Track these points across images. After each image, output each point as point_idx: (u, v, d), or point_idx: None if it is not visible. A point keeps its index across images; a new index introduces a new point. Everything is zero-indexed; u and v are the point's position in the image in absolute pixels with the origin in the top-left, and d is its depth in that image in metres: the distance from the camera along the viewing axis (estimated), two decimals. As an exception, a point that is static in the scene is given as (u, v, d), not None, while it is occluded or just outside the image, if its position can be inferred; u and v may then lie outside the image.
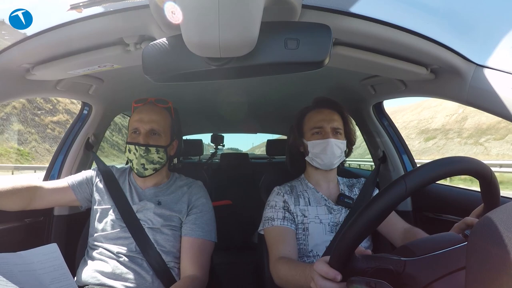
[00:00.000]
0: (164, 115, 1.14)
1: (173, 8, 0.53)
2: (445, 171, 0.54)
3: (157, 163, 1.10)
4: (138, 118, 1.10)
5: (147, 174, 1.10)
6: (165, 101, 1.18)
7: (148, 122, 1.09)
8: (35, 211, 1.33)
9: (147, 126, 1.09)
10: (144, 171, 1.09)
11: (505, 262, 0.34)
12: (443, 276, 0.52)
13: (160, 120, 1.12)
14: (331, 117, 1.13)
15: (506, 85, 0.74)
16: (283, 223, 1.06)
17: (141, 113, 1.11)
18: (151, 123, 1.09)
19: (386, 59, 0.86)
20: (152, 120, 1.10)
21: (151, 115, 1.11)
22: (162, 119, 1.12)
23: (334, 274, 0.56)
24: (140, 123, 1.09)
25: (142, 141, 1.08)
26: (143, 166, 1.08)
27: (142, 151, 1.07)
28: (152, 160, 1.08)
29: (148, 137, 1.09)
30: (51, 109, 22.72)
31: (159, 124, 1.11)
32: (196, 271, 1.02)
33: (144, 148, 1.07)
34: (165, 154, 1.11)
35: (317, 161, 1.13)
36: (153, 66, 0.65)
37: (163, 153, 1.10)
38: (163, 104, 1.16)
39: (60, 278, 0.83)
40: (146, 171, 1.09)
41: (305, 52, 0.59)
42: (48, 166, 1.50)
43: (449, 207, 1.28)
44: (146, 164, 1.08)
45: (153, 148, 1.08)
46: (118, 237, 1.05)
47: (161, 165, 1.12)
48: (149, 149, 1.07)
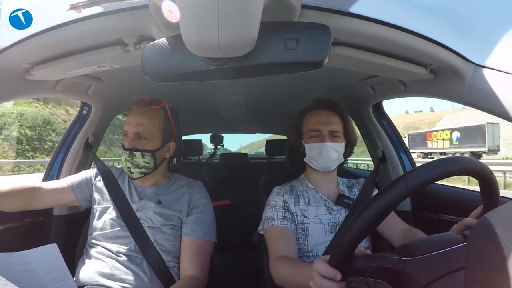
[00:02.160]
0: (155, 117, 1.10)
1: (170, 7, 0.52)
2: (446, 171, 0.54)
3: (143, 167, 1.08)
4: (128, 120, 1.09)
5: (135, 177, 1.10)
6: (158, 101, 1.13)
7: (135, 125, 1.07)
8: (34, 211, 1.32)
9: (133, 129, 1.07)
10: (131, 174, 1.09)
11: (504, 262, 0.34)
12: (442, 276, 0.52)
13: (148, 123, 1.08)
14: (329, 119, 1.13)
15: (506, 85, 0.74)
16: (283, 223, 1.06)
17: (131, 115, 1.10)
18: (137, 127, 1.07)
19: (385, 59, 0.86)
20: (139, 123, 1.07)
21: (139, 118, 1.08)
22: (150, 122, 1.08)
23: (334, 273, 0.56)
24: (128, 126, 1.08)
25: (127, 145, 1.06)
26: (129, 170, 1.08)
27: (126, 155, 1.06)
28: (138, 164, 1.07)
29: (135, 141, 1.06)
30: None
31: (146, 127, 1.07)
32: (196, 271, 1.02)
33: (128, 152, 1.06)
34: (152, 159, 1.08)
35: (314, 163, 1.13)
36: (153, 66, 0.65)
37: (149, 158, 1.07)
38: (155, 105, 1.11)
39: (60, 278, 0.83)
40: (133, 174, 1.09)
41: (304, 52, 0.59)
42: (47, 166, 1.50)
43: (449, 207, 1.28)
44: (132, 168, 1.07)
45: (137, 152, 1.06)
46: (118, 236, 1.05)
47: (148, 169, 1.09)
48: (133, 153, 1.05)
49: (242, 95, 1.78)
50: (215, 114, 2.35)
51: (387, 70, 0.96)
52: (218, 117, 2.47)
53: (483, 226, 0.39)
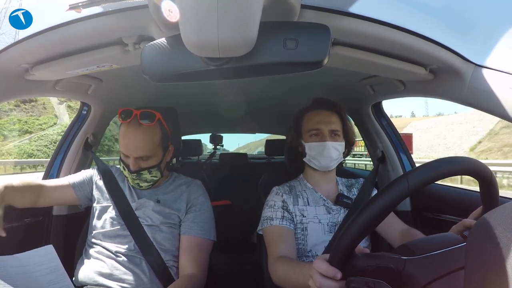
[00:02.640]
0: (151, 134, 1.05)
1: (170, 7, 0.52)
2: (446, 171, 0.55)
3: (151, 180, 1.09)
4: (124, 143, 1.04)
5: (145, 188, 1.11)
6: (152, 115, 1.04)
7: (135, 149, 1.03)
8: (34, 211, 1.32)
9: (134, 154, 1.03)
10: (140, 187, 1.10)
11: (504, 262, 0.34)
12: (442, 276, 0.52)
13: (146, 145, 1.04)
14: (329, 119, 1.13)
15: (505, 85, 0.74)
16: (282, 222, 1.06)
17: (126, 138, 1.04)
18: (137, 151, 1.03)
19: (385, 59, 0.86)
20: (138, 147, 1.03)
21: (136, 141, 1.03)
22: (149, 141, 1.04)
23: (334, 272, 0.56)
24: (127, 150, 1.04)
25: (132, 167, 1.04)
26: (138, 184, 1.09)
27: (134, 176, 1.06)
28: (146, 179, 1.08)
29: (139, 162, 1.05)
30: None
31: (147, 148, 1.04)
32: (194, 270, 1.02)
33: (136, 173, 1.06)
34: (158, 171, 1.09)
35: (314, 162, 1.12)
36: (152, 66, 0.65)
37: (156, 171, 1.08)
38: (149, 122, 1.03)
39: (57, 279, 0.83)
40: (142, 187, 1.10)
41: (304, 52, 0.59)
42: (47, 166, 1.50)
43: (448, 207, 1.28)
44: (140, 183, 1.08)
45: (145, 171, 1.06)
46: (117, 235, 1.05)
47: (157, 179, 1.11)
48: (140, 173, 1.06)
49: (242, 95, 1.78)
50: (214, 114, 2.35)
51: (387, 70, 0.96)
52: (217, 117, 2.47)
53: (483, 226, 0.39)
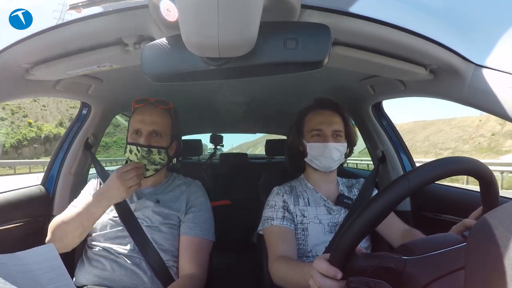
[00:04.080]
0: (165, 116, 1.13)
1: (169, 6, 0.52)
2: (447, 171, 0.55)
3: (159, 163, 1.09)
4: (139, 119, 1.09)
5: (148, 175, 1.09)
6: (166, 102, 1.16)
7: (150, 123, 1.09)
8: (33, 211, 1.32)
9: (149, 127, 1.08)
10: (146, 171, 1.08)
11: (504, 262, 0.34)
12: (442, 276, 0.52)
13: (161, 121, 1.11)
14: (332, 119, 1.13)
15: (505, 85, 0.74)
16: (283, 222, 1.06)
17: (142, 114, 1.10)
18: (153, 125, 1.09)
19: (385, 59, 0.86)
20: (154, 121, 1.09)
21: (153, 116, 1.10)
22: (163, 120, 1.12)
23: (335, 272, 0.56)
24: (142, 124, 1.08)
25: (144, 142, 1.06)
26: (145, 167, 1.07)
27: (144, 152, 1.06)
28: (154, 161, 1.08)
29: (150, 138, 1.08)
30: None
31: (161, 125, 1.10)
32: (194, 270, 1.02)
33: (146, 149, 1.06)
34: (166, 155, 1.11)
35: (315, 163, 1.12)
36: (152, 66, 0.65)
37: (164, 154, 1.10)
38: (164, 105, 1.15)
39: (57, 278, 0.83)
40: (148, 172, 1.08)
41: (304, 52, 0.59)
42: (47, 166, 1.50)
43: (448, 207, 1.28)
44: (147, 165, 1.07)
45: (155, 149, 1.07)
46: (117, 236, 1.05)
47: (162, 166, 1.11)
48: (151, 150, 1.06)
49: (242, 95, 1.78)
50: (215, 114, 2.35)
51: (387, 70, 0.95)
52: (218, 117, 2.47)
53: (483, 226, 0.39)
